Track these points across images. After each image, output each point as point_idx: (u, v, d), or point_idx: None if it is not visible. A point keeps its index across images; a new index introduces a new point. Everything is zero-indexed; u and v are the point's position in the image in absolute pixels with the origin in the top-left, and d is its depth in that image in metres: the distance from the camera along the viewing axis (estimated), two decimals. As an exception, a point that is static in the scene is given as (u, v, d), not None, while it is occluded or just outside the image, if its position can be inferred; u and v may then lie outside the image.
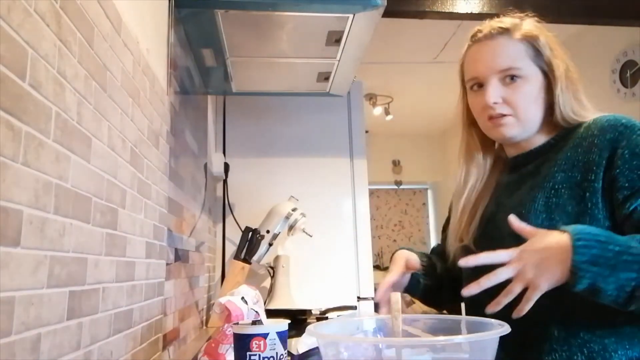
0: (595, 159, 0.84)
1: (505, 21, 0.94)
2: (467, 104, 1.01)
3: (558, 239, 0.74)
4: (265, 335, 0.78)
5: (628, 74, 3.12)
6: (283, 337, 0.80)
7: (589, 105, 0.95)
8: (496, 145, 1.05)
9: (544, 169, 0.92)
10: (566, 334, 0.82)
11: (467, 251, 0.96)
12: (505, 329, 0.62)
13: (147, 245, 0.97)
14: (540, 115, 0.93)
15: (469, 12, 2.37)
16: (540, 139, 0.96)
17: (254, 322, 0.83)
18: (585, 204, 0.83)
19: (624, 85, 3.14)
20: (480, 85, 0.94)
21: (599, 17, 2.56)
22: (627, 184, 0.81)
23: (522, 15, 0.97)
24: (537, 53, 0.91)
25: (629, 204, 0.80)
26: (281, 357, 0.79)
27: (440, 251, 1.14)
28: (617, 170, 0.82)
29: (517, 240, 0.82)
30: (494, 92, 0.91)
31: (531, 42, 0.91)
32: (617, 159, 0.82)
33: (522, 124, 0.92)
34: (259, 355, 0.77)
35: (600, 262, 0.70)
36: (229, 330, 0.83)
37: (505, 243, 0.83)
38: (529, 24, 0.94)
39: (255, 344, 0.77)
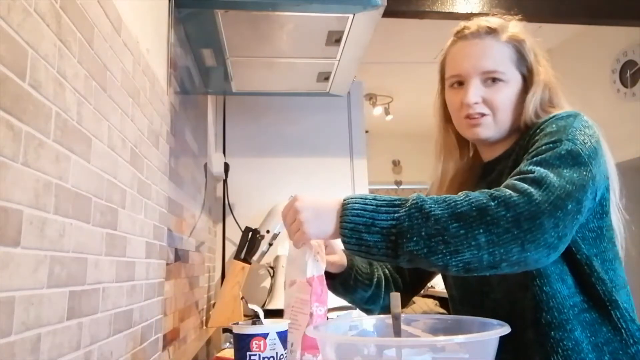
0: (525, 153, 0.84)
1: (492, 21, 0.93)
2: (444, 101, 1.00)
3: (332, 199, 0.78)
4: (265, 335, 0.78)
5: (628, 74, 3.12)
6: (283, 337, 0.80)
7: (567, 106, 0.92)
8: (471, 151, 1.04)
9: (503, 177, 0.90)
10: (538, 337, 0.83)
11: None
12: (505, 329, 0.62)
13: (147, 245, 0.97)
14: (513, 118, 0.92)
15: (469, 12, 2.37)
16: (508, 144, 0.95)
17: (254, 322, 0.82)
18: None
19: (624, 85, 3.14)
20: (461, 83, 0.93)
21: (599, 17, 2.55)
22: (527, 156, 0.81)
23: (507, 16, 0.96)
24: (521, 57, 0.91)
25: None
26: (281, 357, 0.79)
27: None
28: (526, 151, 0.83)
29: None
30: (475, 91, 0.90)
31: (517, 45, 0.90)
32: (531, 142, 0.83)
33: (498, 125, 0.92)
34: (259, 355, 0.77)
35: (362, 214, 0.72)
36: (319, 310, 0.80)
37: None
38: (515, 26, 0.93)
39: (255, 344, 0.77)
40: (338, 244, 0.89)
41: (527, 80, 0.91)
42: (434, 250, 0.69)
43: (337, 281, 0.99)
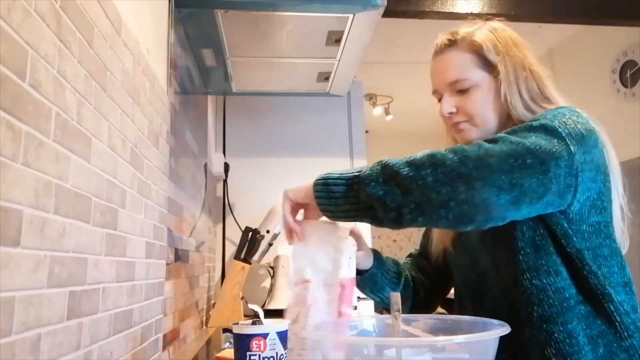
0: None
1: (457, 32, 0.96)
2: None
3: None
4: (265, 335, 0.78)
5: (628, 74, 3.12)
6: (283, 337, 0.80)
7: (558, 99, 0.93)
8: None
9: None
10: (532, 331, 0.84)
11: (447, 254, 1.05)
12: (505, 329, 0.62)
13: (147, 245, 0.97)
14: (496, 117, 0.94)
15: (469, 12, 2.37)
16: None
17: (254, 322, 0.82)
18: None
19: (624, 85, 3.13)
20: (441, 97, 0.98)
21: (599, 17, 2.55)
22: None
23: (481, 20, 0.99)
24: (484, 59, 0.93)
25: None
26: (281, 357, 0.79)
27: (417, 255, 1.16)
28: None
29: (484, 245, 0.92)
30: (447, 104, 0.96)
31: (476, 50, 0.94)
32: None
33: (479, 127, 0.95)
34: (259, 355, 0.77)
35: (332, 175, 0.80)
36: (347, 310, 0.81)
37: (476, 251, 0.95)
38: (481, 32, 0.95)
39: (255, 344, 0.77)
40: (365, 240, 0.99)
41: (497, 77, 0.93)
42: (388, 192, 0.73)
43: (365, 277, 1.02)
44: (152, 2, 1.07)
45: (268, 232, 2.03)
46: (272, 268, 2.12)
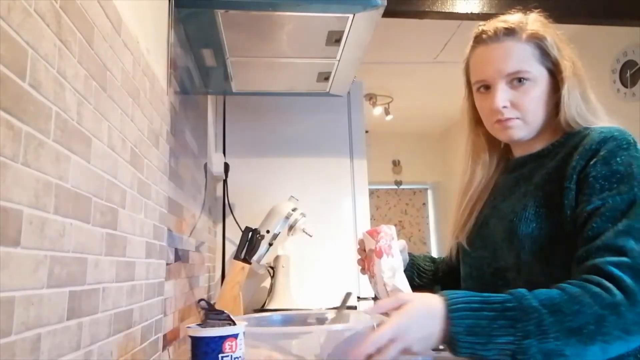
0: (575, 165, 0.83)
1: (510, 20, 0.92)
2: (472, 103, 1.00)
3: (434, 307, 0.74)
4: (236, 336, 0.76)
5: (628, 74, 3.12)
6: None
7: (598, 105, 0.93)
8: (502, 144, 1.04)
9: (536, 175, 0.91)
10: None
11: (462, 248, 1.02)
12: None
13: (147, 245, 0.97)
14: (545, 116, 0.92)
15: (469, 12, 2.37)
16: (543, 142, 0.94)
17: (205, 325, 0.80)
18: (573, 211, 0.83)
19: (624, 85, 3.13)
20: (488, 87, 0.93)
21: (599, 17, 2.55)
22: (587, 190, 0.80)
23: (524, 11, 0.94)
24: (544, 53, 0.89)
25: (581, 208, 0.80)
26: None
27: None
28: (585, 176, 0.81)
29: (510, 246, 0.88)
30: (502, 96, 0.90)
31: (538, 42, 0.89)
32: (590, 166, 0.82)
33: (530, 125, 0.92)
34: (231, 356, 0.75)
35: (476, 332, 0.71)
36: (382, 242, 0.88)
37: (499, 249, 0.91)
38: (534, 23, 0.91)
39: (228, 345, 0.75)
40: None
41: (555, 75, 0.90)
42: None
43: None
44: (152, 2, 1.07)
45: (268, 232, 2.03)
46: (272, 268, 2.12)
